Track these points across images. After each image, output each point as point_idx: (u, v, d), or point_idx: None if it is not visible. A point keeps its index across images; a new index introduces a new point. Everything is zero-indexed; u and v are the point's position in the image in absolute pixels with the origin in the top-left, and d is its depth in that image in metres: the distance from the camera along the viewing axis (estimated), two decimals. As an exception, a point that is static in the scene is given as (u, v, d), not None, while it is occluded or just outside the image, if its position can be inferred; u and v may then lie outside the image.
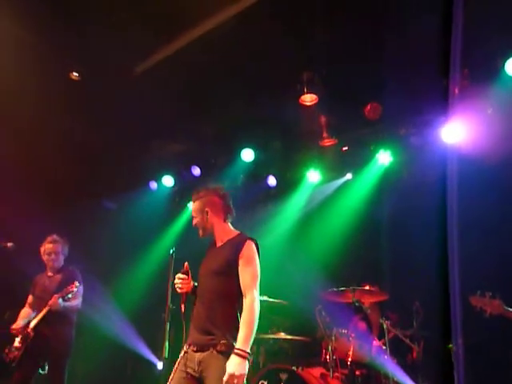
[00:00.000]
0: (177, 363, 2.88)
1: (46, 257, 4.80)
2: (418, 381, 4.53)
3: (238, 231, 3.15)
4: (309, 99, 5.60)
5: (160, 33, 4.98)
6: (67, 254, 4.93)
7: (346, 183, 6.38)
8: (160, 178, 7.25)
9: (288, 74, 5.37)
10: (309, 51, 5.07)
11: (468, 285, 4.16)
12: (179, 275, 3.04)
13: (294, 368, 4.44)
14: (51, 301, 4.47)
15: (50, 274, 4.83)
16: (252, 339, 2.76)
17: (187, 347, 2.88)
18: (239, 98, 5.58)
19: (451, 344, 4.33)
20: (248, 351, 2.70)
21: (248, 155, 6.50)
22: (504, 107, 4.79)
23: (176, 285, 3.02)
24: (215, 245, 3.14)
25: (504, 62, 4.63)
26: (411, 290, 5.06)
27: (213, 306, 2.89)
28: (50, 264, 4.81)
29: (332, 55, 5.00)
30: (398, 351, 4.73)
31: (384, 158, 5.85)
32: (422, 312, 4.73)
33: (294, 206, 6.61)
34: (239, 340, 2.72)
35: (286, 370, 4.47)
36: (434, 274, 4.75)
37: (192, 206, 3.21)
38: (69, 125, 6.09)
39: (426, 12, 4.23)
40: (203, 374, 2.77)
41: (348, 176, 6.36)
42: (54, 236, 4.87)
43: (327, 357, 4.55)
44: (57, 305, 4.47)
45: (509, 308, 3.63)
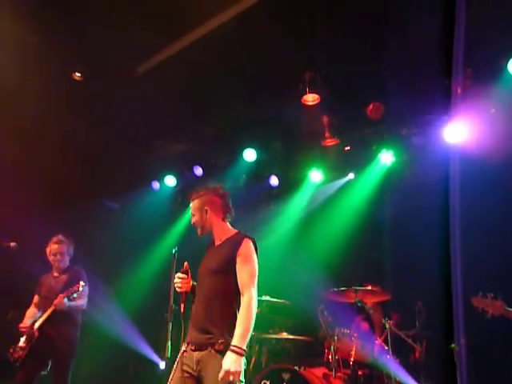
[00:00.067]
0: (176, 362, 2.88)
1: (52, 257, 4.80)
2: (421, 381, 4.52)
3: (236, 230, 3.14)
4: (311, 99, 5.60)
5: (161, 33, 4.99)
6: (72, 255, 4.93)
7: (348, 183, 6.37)
8: (162, 178, 7.25)
9: (290, 74, 5.37)
10: (310, 51, 5.07)
11: (470, 285, 4.16)
12: (179, 274, 3.04)
13: (297, 368, 4.44)
14: (56, 300, 4.46)
15: (56, 275, 4.83)
16: (249, 337, 2.75)
17: (186, 346, 2.89)
18: (241, 98, 5.59)
19: (454, 344, 4.33)
20: (244, 348, 2.69)
21: (250, 155, 6.49)
22: (507, 107, 4.78)
23: (175, 284, 3.02)
24: (214, 244, 3.14)
25: (507, 62, 4.62)
26: (413, 290, 5.04)
27: (211, 305, 2.88)
28: (56, 265, 4.81)
29: (334, 55, 5.00)
30: (401, 351, 4.71)
31: (386, 158, 5.84)
32: (425, 312, 4.71)
33: (296, 206, 6.60)
34: (235, 337, 2.71)
35: (289, 370, 4.47)
36: (437, 274, 4.75)
37: (191, 205, 3.20)
38: (71, 125, 6.09)
39: (430, 11, 4.23)
40: (201, 374, 2.77)
41: (350, 176, 6.35)
42: (60, 236, 4.86)
43: (329, 357, 4.54)
44: (62, 304, 4.46)
45: (511, 309, 3.62)
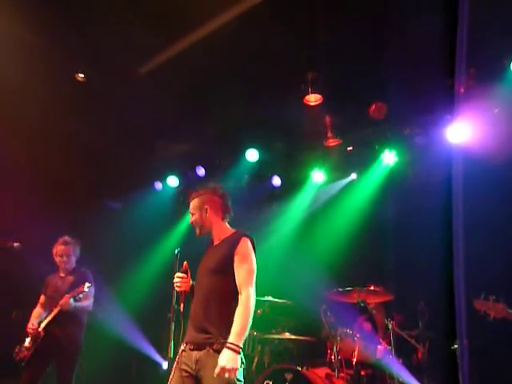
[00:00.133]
0: (175, 362, 2.88)
1: (58, 258, 4.79)
2: (424, 381, 4.51)
3: (235, 229, 3.14)
4: (313, 99, 5.59)
5: (163, 34, 4.99)
6: (79, 255, 4.92)
7: (351, 183, 6.38)
8: (165, 179, 7.27)
9: (292, 75, 5.37)
10: (311, 51, 5.06)
11: (473, 285, 4.14)
12: (178, 274, 3.03)
13: (299, 368, 4.45)
14: (62, 300, 4.46)
15: (63, 275, 4.82)
16: (245, 335, 2.74)
17: (184, 346, 2.89)
18: (243, 99, 5.59)
19: (456, 344, 4.32)
20: (241, 346, 2.69)
21: (252, 155, 6.49)
22: (510, 107, 4.78)
23: (175, 284, 3.01)
24: (213, 244, 3.14)
25: (510, 62, 4.62)
26: (416, 291, 5.04)
27: (210, 305, 2.88)
28: (62, 266, 4.80)
29: (336, 55, 4.99)
30: (403, 352, 4.70)
31: (389, 158, 5.84)
32: (427, 312, 4.71)
33: (299, 206, 6.61)
34: (232, 334, 2.70)
35: (291, 370, 4.47)
36: (439, 275, 4.73)
37: (191, 204, 3.19)
38: (74, 126, 6.11)
39: (432, 11, 4.22)
40: (200, 373, 2.77)
41: (353, 176, 6.36)
42: (66, 237, 4.84)
43: (332, 357, 4.54)
44: (68, 305, 4.45)
45: None
